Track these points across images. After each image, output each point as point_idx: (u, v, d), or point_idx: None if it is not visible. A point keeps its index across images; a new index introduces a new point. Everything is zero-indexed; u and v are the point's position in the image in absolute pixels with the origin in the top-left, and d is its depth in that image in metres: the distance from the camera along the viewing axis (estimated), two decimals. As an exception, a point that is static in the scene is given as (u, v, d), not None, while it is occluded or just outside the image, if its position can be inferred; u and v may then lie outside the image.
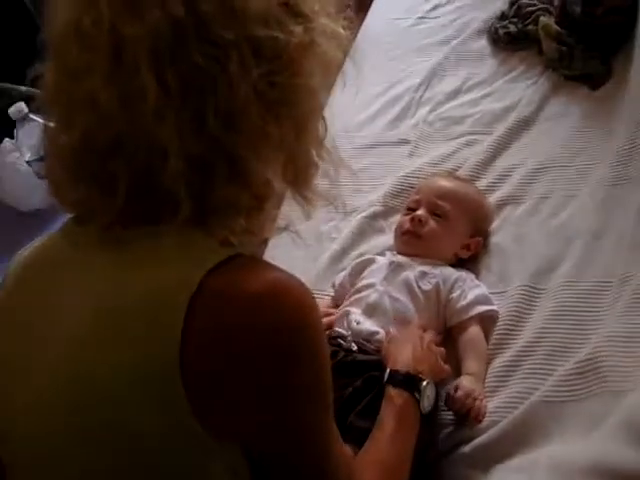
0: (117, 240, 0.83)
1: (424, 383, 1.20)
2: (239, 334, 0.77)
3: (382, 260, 1.53)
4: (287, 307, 0.80)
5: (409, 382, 1.20)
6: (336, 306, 1.51)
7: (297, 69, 0.82)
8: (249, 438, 0.82)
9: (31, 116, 1.77)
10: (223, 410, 0.79)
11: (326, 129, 0.91)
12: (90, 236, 0.85)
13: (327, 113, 0.92)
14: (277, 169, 0.88)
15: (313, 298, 0.85)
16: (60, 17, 0.81)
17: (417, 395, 1.18)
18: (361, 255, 1.63)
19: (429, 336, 1.32)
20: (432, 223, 1.52)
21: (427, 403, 1.20)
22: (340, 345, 1.33)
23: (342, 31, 0.88)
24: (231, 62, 0.77)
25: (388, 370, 1.22)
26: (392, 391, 1.18)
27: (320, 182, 0.93)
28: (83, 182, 0.83)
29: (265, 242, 1.68)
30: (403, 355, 1.25)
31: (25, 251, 0.95)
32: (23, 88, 3.27)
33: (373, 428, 1.13)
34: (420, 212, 1.53)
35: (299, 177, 0.91)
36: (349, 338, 1.35)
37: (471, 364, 1.33)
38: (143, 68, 0.76)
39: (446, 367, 1.30)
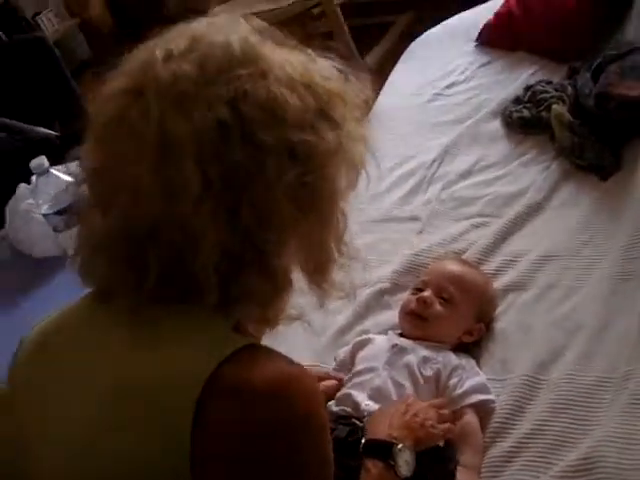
0: (136, 320, 0.86)
1: (398, 447, 1.17)
2: (251, 427, 0.79)
3: (382, 341, 1.54)
4: (297, 399, 0.82)
5: (381, 449, 1.18)
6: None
7: (327, 171, 0.87)
8: None
9: (51, 171, 1.80)
10: None
11: (346, 225, 0.95)
12: (109, 313, 0.88)
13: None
14: (298, 261, 0.92)
15: (317, 389, 0.89)
16: (106, 104, 0.86)
17: (391, 462, 1.17)
18: (364, 332, 1.65)
19: (420, 404, 1.30)
20: (438, 306, 1.53)
21: (405, 468, 1.17)
22: (355, 424, 1.32)
23: (367, 133, 0.94)
24: (269, 163, 0.82)
25: (363, 441, 1.21)
26: (368, 462, 1.18)
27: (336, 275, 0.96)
28: (113, 263, 0.86)
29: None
30: (379, 425, 1.24)
31: (42, 322, 0.97)
32: (42, 130, 3.34)
33: None
34: (427, 294, 1.55)
35: (318, 270, 0.95)
36: (366, 419, 1.33)
37: (465, 457, 1.32)
38: (188, 162, 0.80)
39: (442, 427, 1.27)
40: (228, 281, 0.84)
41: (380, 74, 2.83)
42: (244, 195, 0.82)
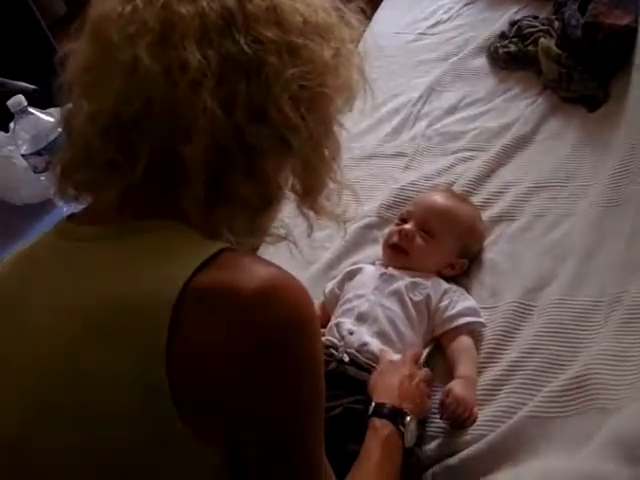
0: (112, 236, 0.84)
1: (408, 418, 1.19)
2: (236, 333, 0.75)
3: (371, 270, 1.53)
4: (287, 304, 0.79)
5: (394, 415, 1.19)
6: (325, 312, 1.52)
7: (325, 80, 0.87)
8: (239, 436, 0.80)
9: (30, 110, 1.76)
10: (214, 411, 0.77)
11: (340, 149, 0.94)
12: (85, 233, 0.86)
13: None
14: (288, 178, 0.91)
15: (308, 294, 0.84)
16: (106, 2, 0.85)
17: (402, 428, 1.18)
18: (354, 264, 1.63)
19: (420, 373, 1.30)
20: (418, 239, 1.52)
21: (410, 437, 1.19)
22: (332, 355, 1.34)
23: (364, 64, 0.94)
24: (269, 57, 0.82)
25: (373, 403, 1.21)
26: (377, 422, 1.18)
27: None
28: (99, 155, 0.85)
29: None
30: (389, 390, 1.24)
31: (17, 249, 0.94)
32: (19, 83, 3.27)
33: (358, 457, 1.12)
34: (408, 226, 1.53)
35: (310, 191, 0.93)
36: (341, 348, 1.35)
37: (463, 367, 1.33)
38: (190, 41, 0.80)
39: (429, 404, 1.30)
40: (215, 177, 0.82)
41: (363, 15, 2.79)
42: (241, 87, 0.81)
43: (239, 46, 0.81)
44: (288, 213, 0.98)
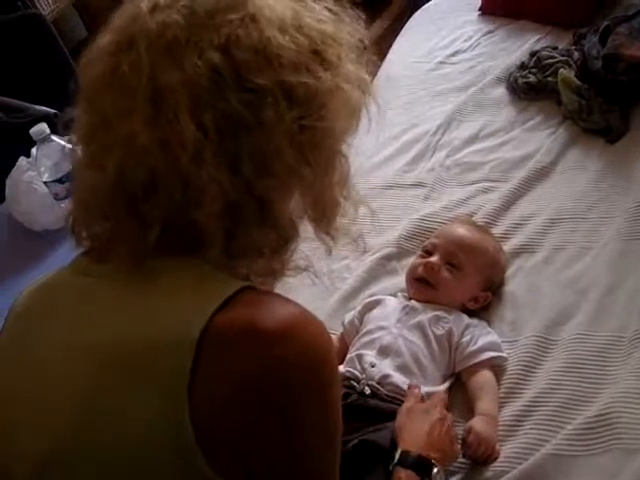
0: (130, 275, 0.83)
1: (435, 470, 1.15)
2: (254, 369, 0.76)
3: (393, 302, 1.53)
4: (306, 344, 0.79)
5: (420, 466, 1.15)
6: (344, 343, 1.51)
7: (325, 113, 0.85)
8: (256, 471, 0.79)
9: (52, 137, 1.77)
10: (234, 448, 0.77)
11: (349, 169, 0.92)
12: (103, 270, 0.86)
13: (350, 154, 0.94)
14: (304, 209, 0.90)
15: (328, 334, 0.85)
16: (96, 63, 0.84)
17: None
18: (372, 295, 1.63)
19: (450, 417, 1.27)
20: (444, 272, 1.51)
21: None
22: (353, 387, 1.33)
23: (365, 76, 0.91)
24: (266, 107, 0.80)
25: (399, 450, 1.18)
26: (402, 473, 1.15)
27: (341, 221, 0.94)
28: (112, 219, 0.84)
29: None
30: (417, 435, 1.20)
31: (31, 286, 0.94)
32: (41, 108, 3.30)
33: None
34: (434, 259, 1.53)
35: (324, 215, 0.92)
36: (362, 381, 1.34)
37: (484, 404, 1.32)
38: (182, 113, 0.78)
39: (458, 451, 1.26)
40: (232, 232, 0.82)
41: (383, 44, 2.80)
42: (243, 142, 0.80)
43: (233, 104, 0.78)
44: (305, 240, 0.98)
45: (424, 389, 1.33)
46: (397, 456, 1.17)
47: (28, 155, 1.97)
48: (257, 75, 0.79)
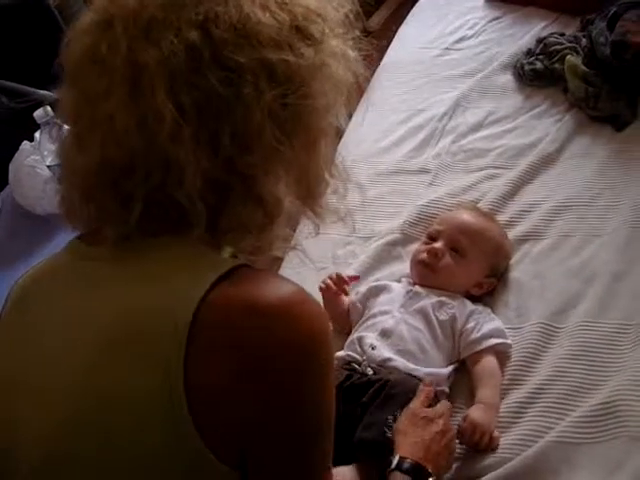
0: (125, 255, 0.84)
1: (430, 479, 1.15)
2: (251, 344, 0.76)
3: (398, 287, 1.52)
4: (305, 321, 0.79)
5: (417, 473, 1.14)
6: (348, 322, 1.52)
7: (308, 90, 0.84)
8: (251, 452, 0.80)
9: (56, 120, 1.76)
10: (228, 425, 0.77)
11: (335, 146, 0.93)
12: (97, 252, 0.86)
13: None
14: (289, 186, 0.90)
15: (325, 312, 0.86)
16: (76, 43, 0.83)
17: None
18: (377, 281, 1.62)
19: (454, 429, 1.25)
20: (448, 258, 1.50)
21: None
22: (354, 369, 1.33)
23: (351, 52, 0.90)
24: (245, 85, 0.80)
25: (397, 456, 1.16)
26: (399, 477, 1.14)
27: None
28: (96, 201, 0.84)
29: (277, 264, 1.68)
30: (417, 444, 1.18)
31: (28, 272, 0.94)
32: (43, 92, 3.29)
33: None
34: (438, 245, 1.52)
35: (310, 193, 0.92)
36: (364, 363, 1.34)
37: (484, 392, 1.32)
38: (160, 92, 0.78)
39: (452, 463, 1.25)
40: (216, 210, 0.82)
41: (388, 31, 2.78)
42: (223, 121, 0.79)
43: (211, 83, 0.78)
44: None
45: (426, 369, 1.33)
46: (395, 462, 1.16)
47: (31, 139, 1.96)
48: (236, 53, 0.79)
